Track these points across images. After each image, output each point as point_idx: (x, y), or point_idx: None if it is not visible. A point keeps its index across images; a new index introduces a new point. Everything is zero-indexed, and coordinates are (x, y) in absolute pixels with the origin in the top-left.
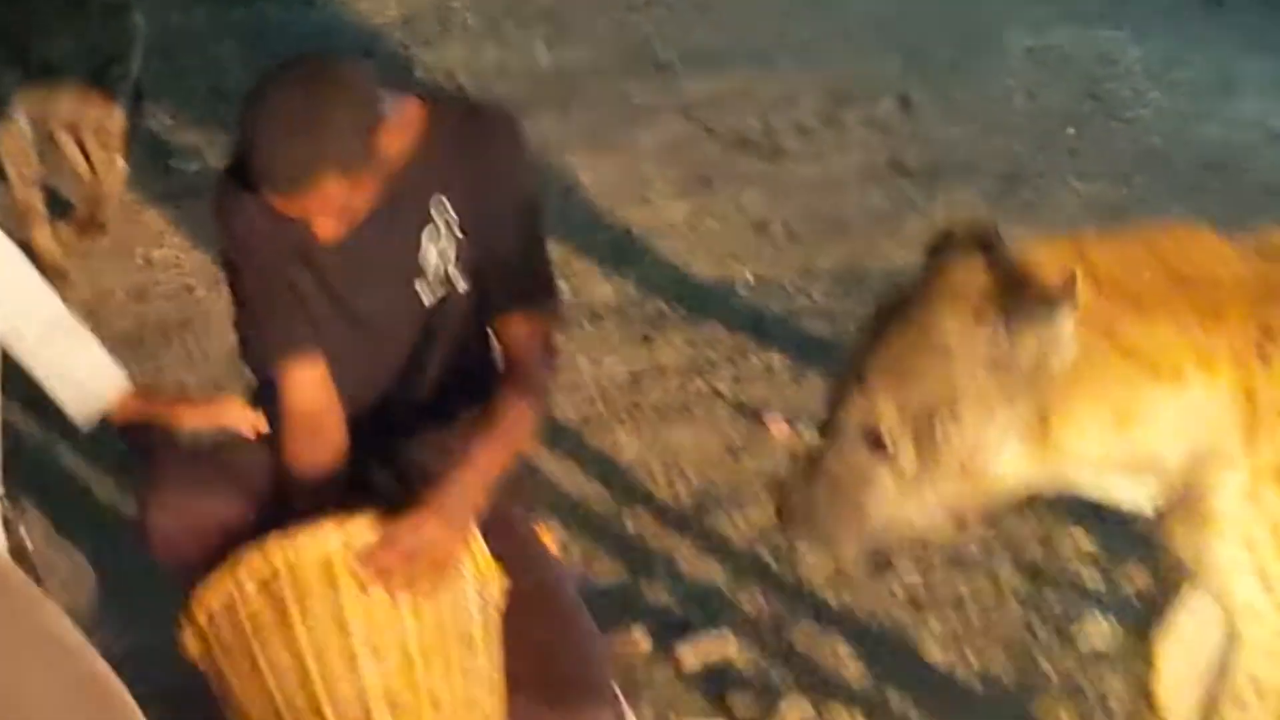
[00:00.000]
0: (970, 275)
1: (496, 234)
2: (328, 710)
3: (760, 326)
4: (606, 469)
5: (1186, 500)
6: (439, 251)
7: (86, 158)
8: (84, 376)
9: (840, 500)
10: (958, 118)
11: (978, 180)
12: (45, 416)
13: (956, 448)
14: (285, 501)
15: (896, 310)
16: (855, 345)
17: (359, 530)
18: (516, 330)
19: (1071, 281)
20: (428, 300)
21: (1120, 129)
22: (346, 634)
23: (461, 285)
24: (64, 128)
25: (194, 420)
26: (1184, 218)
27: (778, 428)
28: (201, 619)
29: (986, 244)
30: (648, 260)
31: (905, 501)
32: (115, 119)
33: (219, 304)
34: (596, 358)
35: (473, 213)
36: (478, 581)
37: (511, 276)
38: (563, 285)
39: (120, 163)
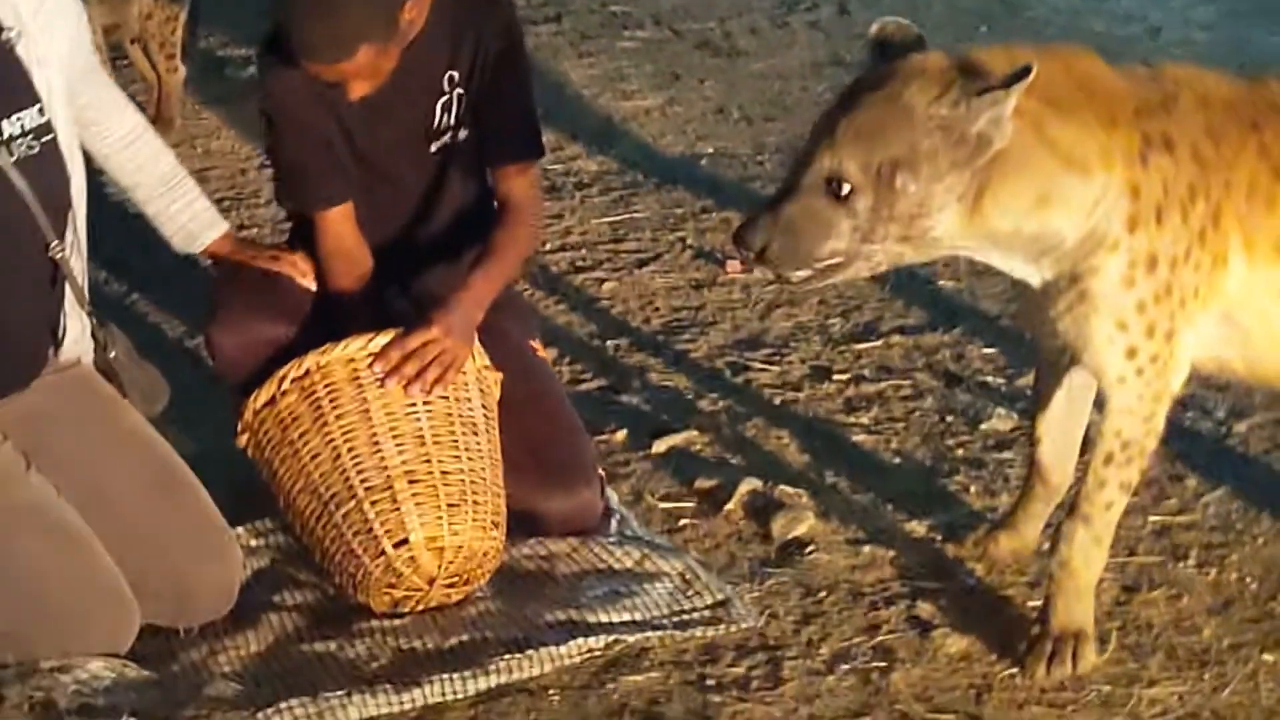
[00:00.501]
0: (935, 61)
1: (493, 93)
2: (357, 484)
3: (718, 190)
4: (591, 303)
5: (1073, 280)
6: (449, 114)
7: (152, 65)
8: (186, 220)
9: (798, 237)
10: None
11: None
12: (130, 254)
13: (910, 199)
14: (325, 325)
15: (865, 86)
16: (825, 113)
17: (379, 341)
18: (509, 177)
19: (1025, 72)
20: (435, 149)
21: (1023, 25)
22: (370, 421)
23: (463, 133)
24: (132, 40)
25: (265, 264)
26: None
27: (732, 267)
28: (251, 418)
29: (914, 47)
30: (626, 140)
31: (853, 243)
32: (175, 32)
33: (266, 182)
34: (584, 218)
35: (475, 75)
36: (478, 380)
37: (505, 130)
38: (555, 161)
39: (181, 69)
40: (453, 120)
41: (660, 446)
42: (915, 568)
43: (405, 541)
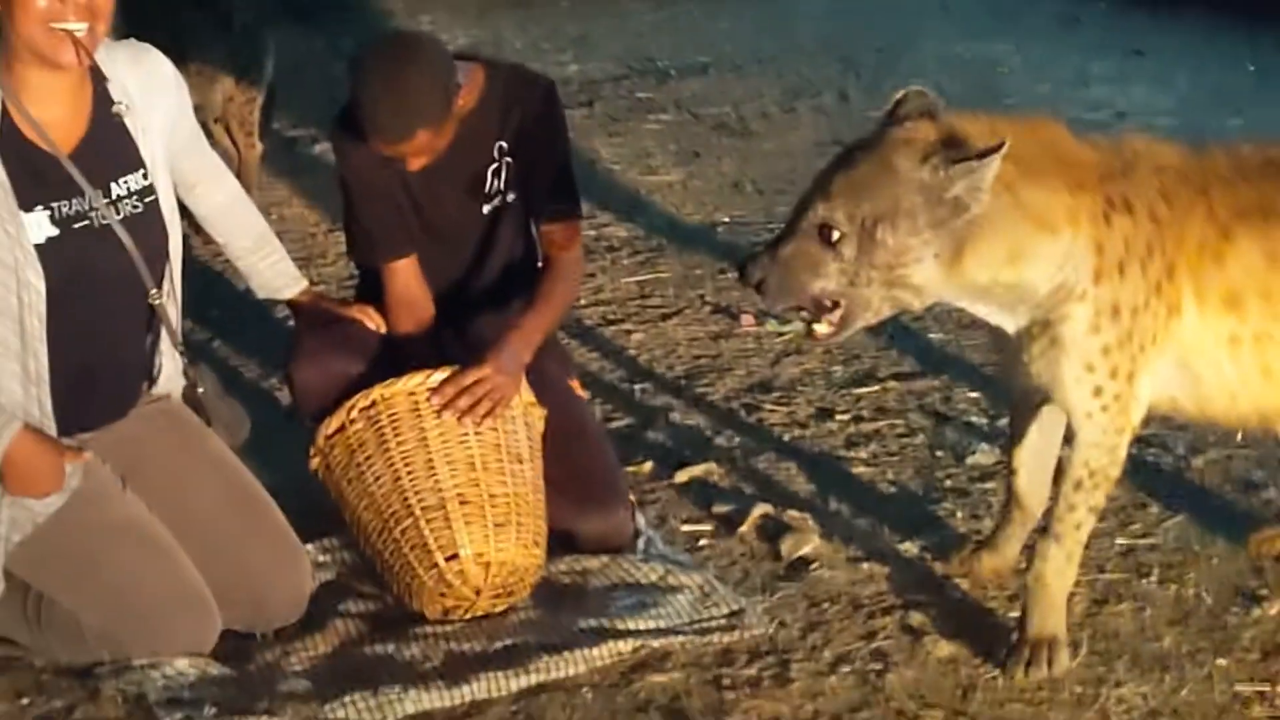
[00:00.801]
0: (921, 129)
1: (537, 160)
2: (414, 504)
3: (734, 254)
4: (621, 352)
5: (1045, 327)
6: (499, 179)
7: (233, 142)
8: (271, 276)
9: (791, 274)
10: (882, 105)
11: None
12: (222, 302)
13: (888, 250)
14: (392, 364)
15: (860, 148)
16: (825, 169)
17: (437, 376)
18: (552, 232)
19: (998, 146)
20: (488, 211)
21: (1004, 111)
22: (427, 448)
23: (511, 196)
24: (216, 119)
25: (340, 312)
26: None
27: (747, 321)
28: (323, 443)
29: (930, 112)
30: (651, 210)
31: (841, 284)
32: (254, 112)
33: (332, 244)
34: (614, 277)
35: (521, 144)
36: (524, 414)
37: (548, 192)
38: (589, 228)
39: (258, 146)
40: (502, 185)
41: (682, 477)
42: (908, 583)
43: (455, 556)
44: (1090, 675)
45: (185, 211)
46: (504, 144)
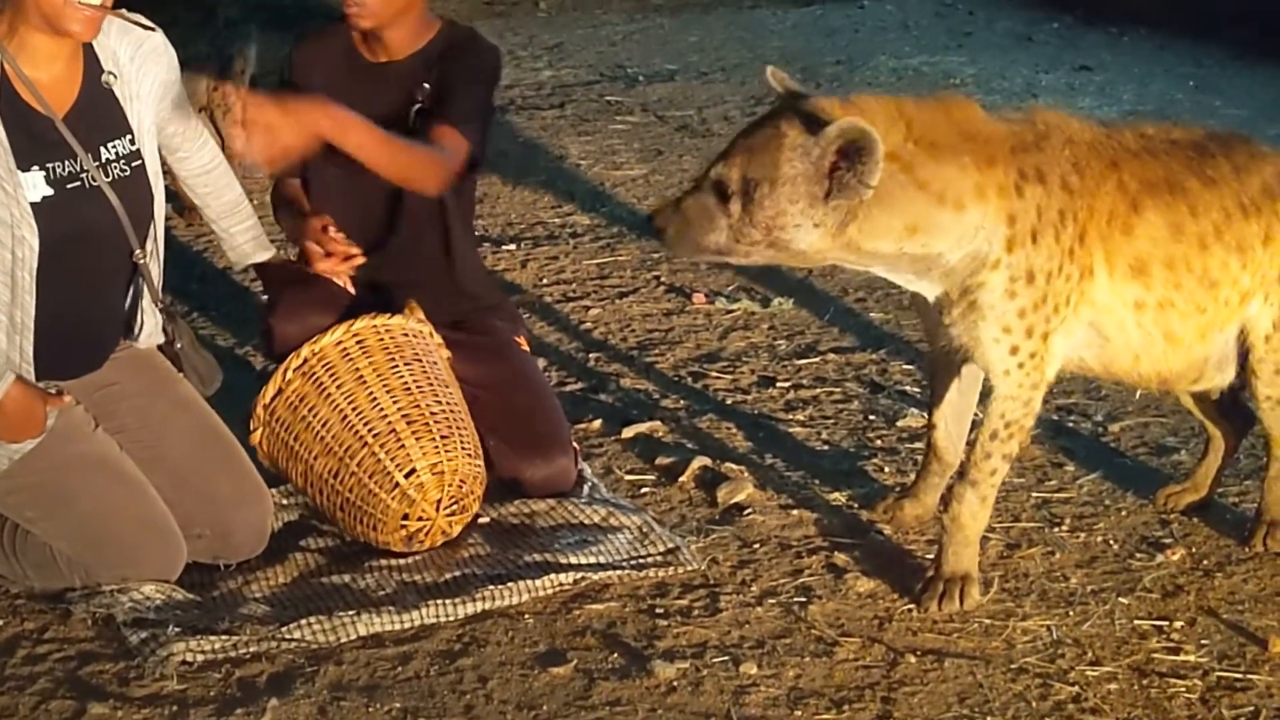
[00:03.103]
0: (823, 105)
1: (449, 91)
2: (366, 435)
3: None
4: (579, 325)
5: (963, 293)
6: (423, 119)
7: (217, 130)
8: (244, 240)
9: (690, 226)
10: None
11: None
12: (202, 278)
13: (765, 212)
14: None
15: (769, 116)
16: (738, 133)
17: (358, 325)
18: (441, 133)
19: (875, 144)
20: None
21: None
22: (365, 384)
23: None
24: (200, 108)
25: (312, 273)
26: None
27: (699, 299)
28: (262, 413)
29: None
30: (614, 201)
31: (729, 240)
32: (237, 102)
33: None
34: (576, 259)
35: (443, 83)
36: (438, 350)
37: (448, 111)
38: (555, 215)
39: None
40: (423, 122)
41: (629, 433)
42: (835, 528)
43: (414, 471)
44: (999, 610)
45: (171, 195)
46: (428, 85)
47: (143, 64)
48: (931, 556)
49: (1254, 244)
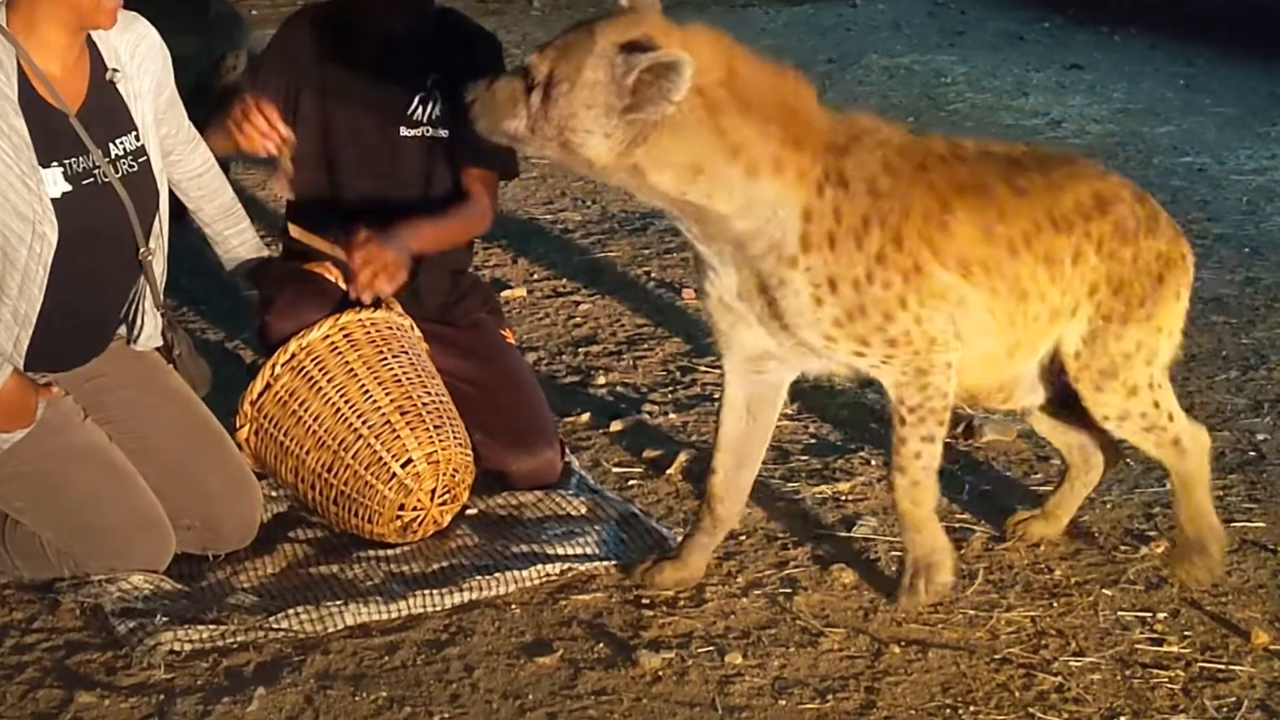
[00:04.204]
0: (645, 22)
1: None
2: (360, 427)
3: (680, 237)
4: (570, 319)
5: (763, 290)
6: (424, 109)
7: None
8: (237, 244)
9: (494, 107)
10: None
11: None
12: (193, 273)
13: (559, 110)
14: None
15: (595, 19)
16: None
17: (345, 319)
18: (472, 180)
19: (683, 62)
20: (407, 135)
21: (946, 117)
22: (356, 377)
23: (443, 133)
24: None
25: (306, 270)
26: None
27: (688, 294)
28: (249, 409)
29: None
30: (605, 198)
31: (525, 129)
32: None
33: None
34: (567, 255)
35: (458, 87)
36: (420, 343)
37: (473, 140)
38: (547, 212)
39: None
40: (428, 116)
41: (617, 426)
42: (821, 520)
43: (410, 461)
44: (983, 601)
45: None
46: (438, 76)
47: (142, 61)
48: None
49: (1063, 259)
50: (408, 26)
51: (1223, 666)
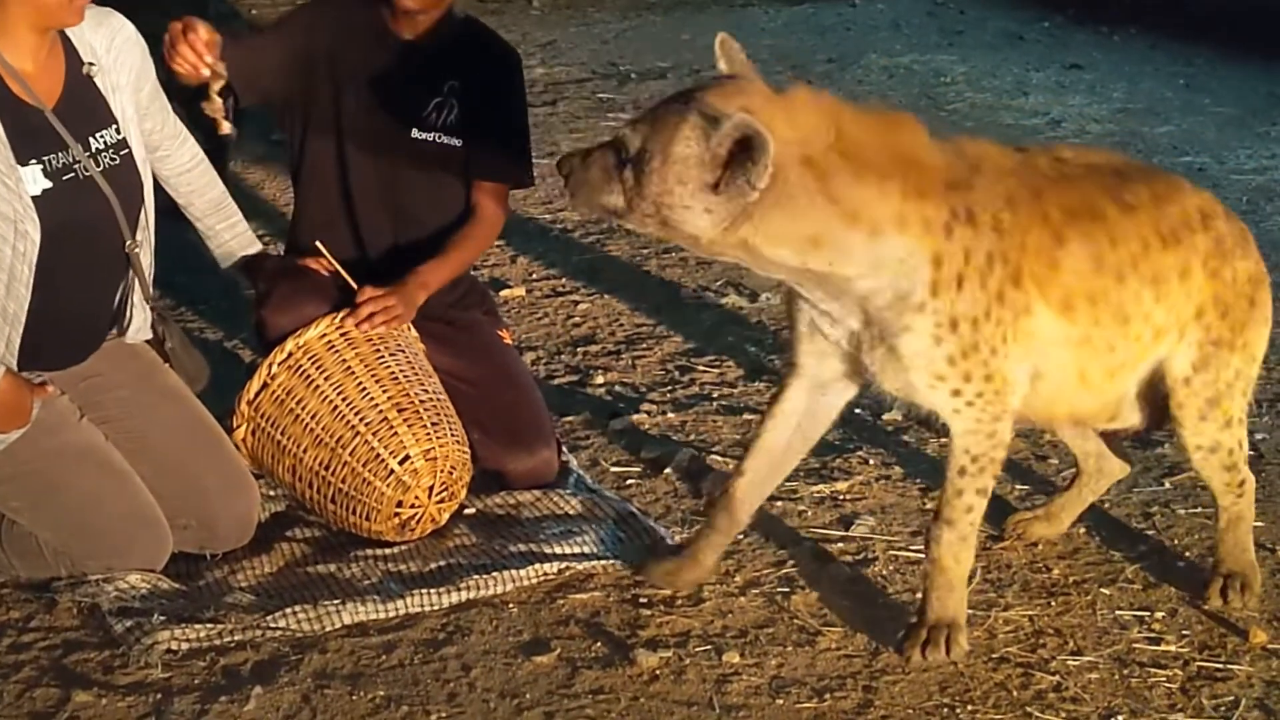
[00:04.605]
0: (735, 91)
1: (486, 115)
2: (358, 424)
3: None
4: (569, 319)
5: (883, 337)
6: (439, 114)
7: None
8: (229, 238)
9: (589, 181)
10: None
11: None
12: (188, 270)
13: (654, 187)
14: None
15: (694, 87)
16: (652, 104)
17: (340, 316)
18: (481, 191)
19: (755, 142)
20: (419, 137)
21: (945, 117)
22: (353, 375)
23: (456, 142)
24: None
25: (301, 265)
26: None
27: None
28: (246, 409)
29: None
30: None
31: (624, 205)
32: (228, 95)
33: None
34: (567, 255)
35: (474, 96)
36: (415, 341)
37: (489, 148)
38: (546, 211)
39: (227, 127)
40: (442, 122)
41: (615, 425)
42: (818, 520)
43: (407, 458)
44: (981, 600)
45: (160, 197)
46: (455, 84)
47: (119, 55)
48: (915, 547)
49: (1170, 277)
50: (430, 30)
51: (1221, 665)
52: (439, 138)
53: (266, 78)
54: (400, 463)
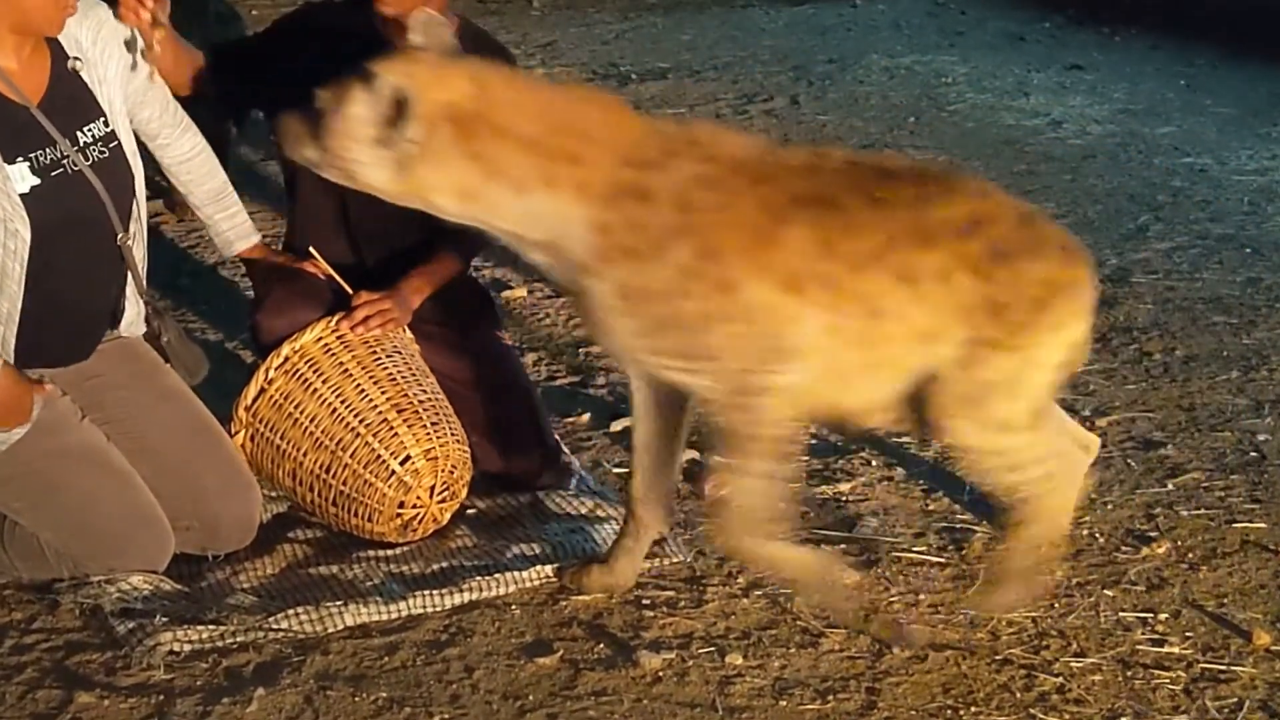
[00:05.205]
0: (420, 62)
1: None
2: (358, 426)
3: None
4: (569, 320)
5: (577, 299)
6: None
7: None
8: (227, 229)
9: (294, 134)
10: (831, 111)
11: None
12: (192, 273)
13: (331, 138)
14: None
15: (368, 63)
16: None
17: (335, 320)
18: None
19: (405, 101)
20: None
21: (946, 117)
22: (351, 377)
23: None
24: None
25: (296, 267)
26: (987, 177)
27: None
28: (244, 414)
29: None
30: None
31: (317, 156)
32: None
33: None
34: None
35: None
36: (411, 343)
37: None
38: None
39: (233, 129)
40: None
41: (617, 426)
42: (820, 521)
43: (408, 458)
44: (984, 602)
45: (161, 191)
46: None
47: (105, 47)
48: (919, 550)
49: (926, 278)
50: None
51: (1224, 667)
52: None
53: (259, 83)
54: (401, 463)
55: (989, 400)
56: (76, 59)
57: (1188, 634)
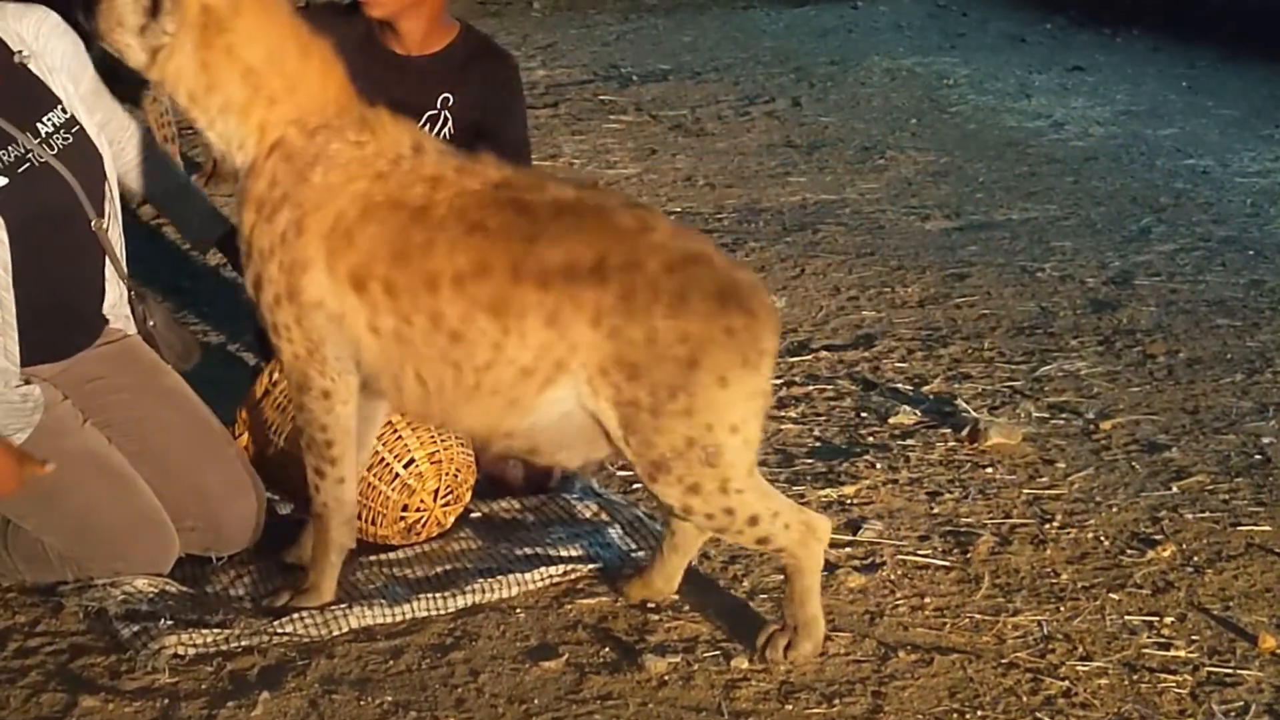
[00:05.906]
0: None
1: (488, 129)
2: None
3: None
4: None
5: None
6: (431, 127)
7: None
8: (193, 220)
9: (105, 13)
10: (832, 113)
11: (843, 151)
12: (194, 275)
13: (104, 25)
14: None
15: None
16: None
17: None
18: None
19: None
20: None
21: (948, 119)
22: None
23: None
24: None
25: None
26: (989, 179)
27: None
28: (247, 416)
29: None
30: None
31: (104, 31)
32: None
33: None
34: None
35: (470, 107)
36: None
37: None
38: None
39: None
40: (437, 135)
41: None
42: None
43: (412, 461)
44: (990, 605)
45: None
46: (449, 97)
47: (48, 40)
48: (923, 554)
49: (527, 315)
50: (420, 42)
51: (1230, 671)
52: None
53: None
54: (405, 466)
55: (676, 465)
56: (20, 52)
57: (1193, 637)
